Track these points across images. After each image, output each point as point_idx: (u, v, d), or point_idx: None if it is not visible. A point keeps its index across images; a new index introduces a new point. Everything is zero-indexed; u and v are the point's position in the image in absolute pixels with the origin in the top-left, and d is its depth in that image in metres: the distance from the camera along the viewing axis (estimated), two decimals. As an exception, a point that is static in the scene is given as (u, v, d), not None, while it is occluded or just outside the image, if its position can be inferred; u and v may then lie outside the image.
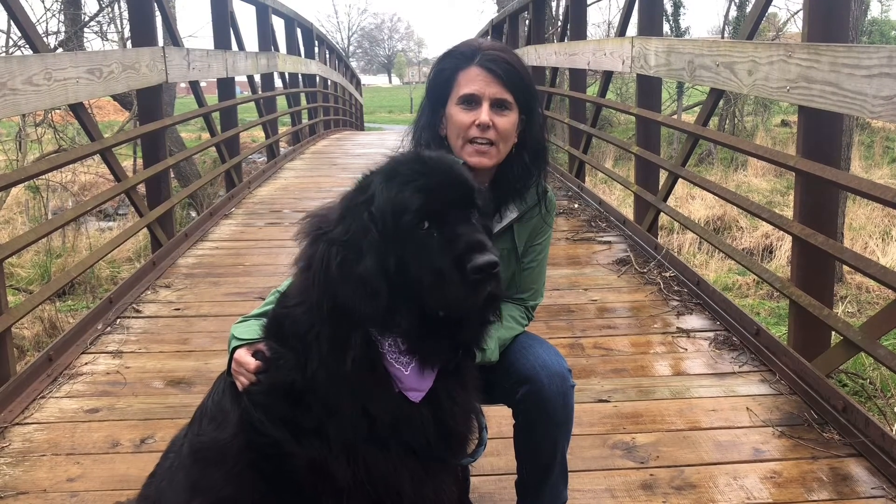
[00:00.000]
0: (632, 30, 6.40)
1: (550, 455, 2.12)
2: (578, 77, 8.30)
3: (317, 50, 14.66)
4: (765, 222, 4.61)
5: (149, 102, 5.84)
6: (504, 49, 2.09)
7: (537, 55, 8.91)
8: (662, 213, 5.48)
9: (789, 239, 4.70)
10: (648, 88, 5.89)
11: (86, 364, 3.69)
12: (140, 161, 9.82)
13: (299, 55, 12.63)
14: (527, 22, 10.78)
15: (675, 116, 15.18)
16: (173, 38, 6.79)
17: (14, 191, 10.70)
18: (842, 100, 3.04)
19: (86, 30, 12.04)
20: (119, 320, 4.24)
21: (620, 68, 6.01)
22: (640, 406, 3.22)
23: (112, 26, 12.60)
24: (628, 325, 4.15)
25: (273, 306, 1.86)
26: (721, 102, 8.05)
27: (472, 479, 2.47)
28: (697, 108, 12.01)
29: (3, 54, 9.53)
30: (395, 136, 6.50)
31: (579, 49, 7.28)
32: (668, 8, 17.48)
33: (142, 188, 5.85)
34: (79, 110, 4.51)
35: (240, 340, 1.85)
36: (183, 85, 9.01)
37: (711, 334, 3.96)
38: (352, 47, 74.55)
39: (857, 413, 2.89)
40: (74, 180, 11.61)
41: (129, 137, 6.88)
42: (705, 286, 4.42)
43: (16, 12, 3.98)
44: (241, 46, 8.49)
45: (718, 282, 7.75)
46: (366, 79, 65.53)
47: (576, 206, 6.93)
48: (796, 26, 16.84)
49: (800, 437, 2.95)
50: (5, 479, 2.73)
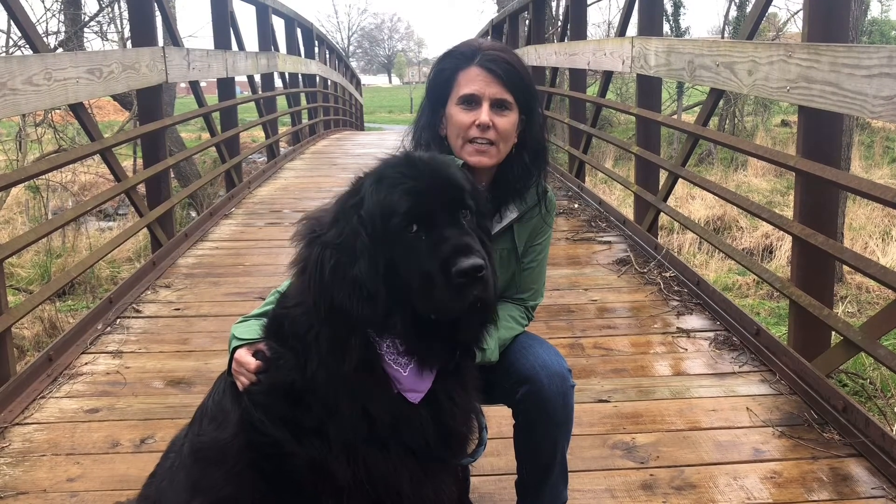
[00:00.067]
0: (632, 30, 6.40)
1: (550, 455, 2.12)
2: (578, 77, 8.30)
3: (317, 50, 14.66)
4: (765, 222, 4.61)
5: (149, 102, 5.84)
6: (504, 49, 2.09)
7: (537, 55, 8.90)
8: (662, 213, 5.48)
9: (789, 239, 4.70)
10: (648, 88, 5.89)
11: (86, 364, 3.70)
12: (140, 161, 9.82)
13: (299, 55, 12.63)
14: (527, 22, 10.78)
15: (675, 116, 15.18)
16: (173, 38, 6.79)
17: (14, 191, 10.70)
18: (842, 100, 3.04)
19: (86, 30, 12.06)
20: (119, 320, 4.24)
21: (620, 68, 6.01)
22: (640, 406, 3.22)
23: (112, 26, 12.63)
24: (628, 325, 4.15)
25: (273, 306, 1.86)
26: (721, 102, 8.06)
27: (472, 479, 2.47)
28: (697, 108, 12.01)
29: (3, 54, 9.53)
30: (395, 136, 6.51)
31: (579, 49, 7.28)
32: (668, 8, 17.50)
33: (142, 188, 5.85)
34: (79, 110, 4.52)
35: (240, 340, 1.86)
36: (183, 85, 9.01)
37: (711, 334, 3.96)
38: (352, 47, 74.56)
39: (858, 413, 2.89)
40: (74, 180, 11.61)
41: (129, 137, 6.88)
42: (705, 286, 4.42)
43: (16, 12, 3.98)
44: (241, 46, 8.49)
45: (718, 282, 7.75)
46: (366, 79, 65.53)
47: (576, 206, 6.93)
48: (796, 26, 16.85)
49: (800, 437, 2.95)
50: (5, 479, 2.73)
